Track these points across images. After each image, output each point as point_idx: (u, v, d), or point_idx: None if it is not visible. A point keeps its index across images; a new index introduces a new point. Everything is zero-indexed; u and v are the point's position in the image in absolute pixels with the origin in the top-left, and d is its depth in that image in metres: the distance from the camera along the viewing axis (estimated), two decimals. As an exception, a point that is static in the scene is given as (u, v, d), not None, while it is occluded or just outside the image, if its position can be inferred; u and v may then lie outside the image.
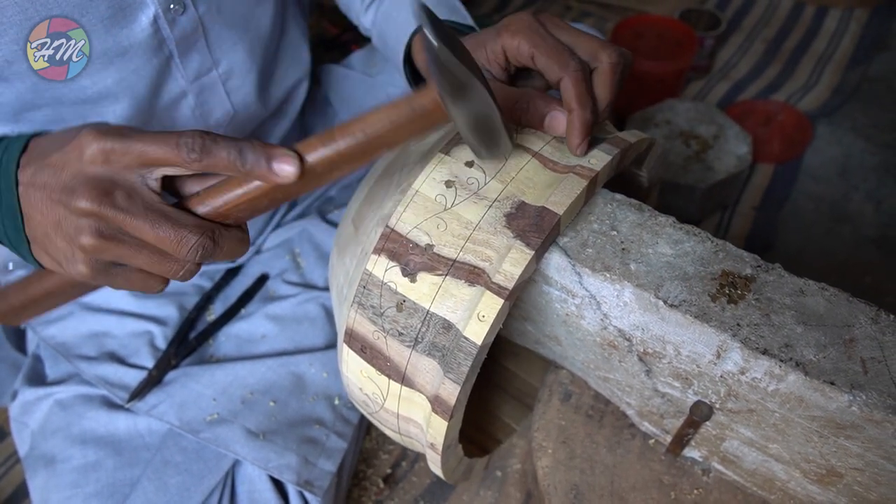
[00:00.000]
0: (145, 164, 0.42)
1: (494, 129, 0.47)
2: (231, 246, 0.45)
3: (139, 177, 0.42)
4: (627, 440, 0.66)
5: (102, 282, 0.45)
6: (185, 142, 0.41)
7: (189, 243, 0.42)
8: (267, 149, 0.42)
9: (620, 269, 0.51)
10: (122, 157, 0.41)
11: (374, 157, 0.45)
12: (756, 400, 0.50)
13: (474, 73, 0.42)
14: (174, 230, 0.42)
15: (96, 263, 0.44)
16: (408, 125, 0.44)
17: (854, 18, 1.56)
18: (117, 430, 0.71)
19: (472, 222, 0.50)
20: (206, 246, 0.43)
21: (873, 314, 0.48)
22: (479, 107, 0.44)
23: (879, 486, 0.48)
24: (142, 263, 0.43)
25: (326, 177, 0.45)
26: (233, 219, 0.46)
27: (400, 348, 0.52)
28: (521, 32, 0.53)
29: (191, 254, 0.43)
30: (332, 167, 0.44)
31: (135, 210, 0.41)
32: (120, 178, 0.42)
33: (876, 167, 1.25)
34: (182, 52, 0.63)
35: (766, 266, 0.51)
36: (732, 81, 1.44)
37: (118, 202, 0.41)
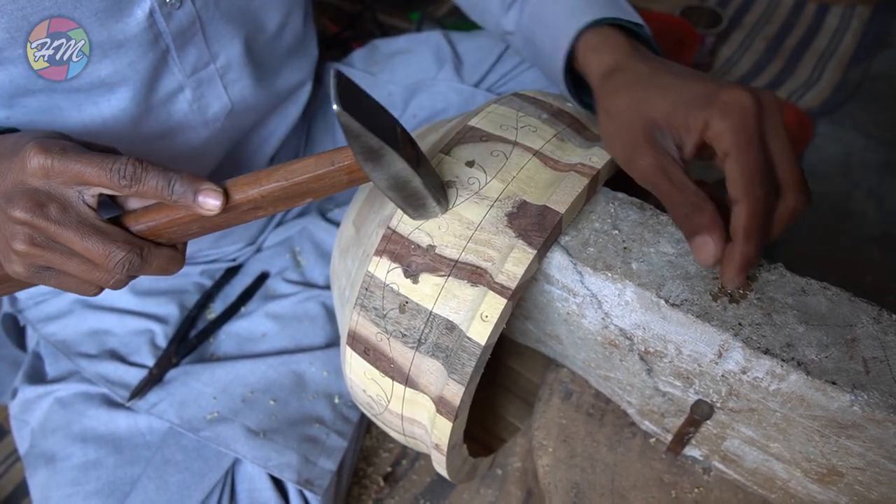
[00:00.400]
0: (81, 182, 0.45)
1: (418, 194, 0.47)
2: (160, 263, 0.49)
3: (76, 192, 0.46)
4: (628, 439, 0.66)
5: (37, 281, 0.49)
6: (118, 168, 0.45)
7: (116, 258, 0.46)
8: (195, 182, 0.46)
9: (622, 269, 0.51)
10: (60, 175, 0.45)
11: (300, 202, 0.49)
12: (757, 399, 0.50)
13: (388, 140, 0.42)
14: (103, 244, 0.46)
15: (30, 266, 0.47)
16: (328, 178, 0.47)
17: (856, 15, 1.56)
18: (118, 429, 0.71)
19: (474, 222, 0.50)
20: (133, 262, 0.47)
21: (875, 314, 0.48)
22: (395, 172, 0.44)
23: (881, 485, 0.48)
24: (72, 270, 0.47)
25: (252, 214, 0.49)
26: (165, 238, 0.49)
27: (403, 350, 0.52)
28: (735, 121, 0.44)
29: (118, 267, 0.47)
30: (256, 206, 0.48)
31: (66, 222, 0.45)
32: (57, 192, 0.45)
33: (877, 165, 1.25)
34: (179, 46, 0.62)
35: (767, 265, 0.51)
36: (734, 79, 1.43)
37: (51, 214, 0.45)
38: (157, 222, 0.48)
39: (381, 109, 0.44)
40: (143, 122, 0.64)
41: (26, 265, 0.47)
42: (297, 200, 0.48)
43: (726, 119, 0.44)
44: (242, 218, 0.49)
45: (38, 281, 0.49)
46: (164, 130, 0.67)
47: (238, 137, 0.76)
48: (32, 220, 0.44)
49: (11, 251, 0.46)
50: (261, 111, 0.77)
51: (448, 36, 0.95)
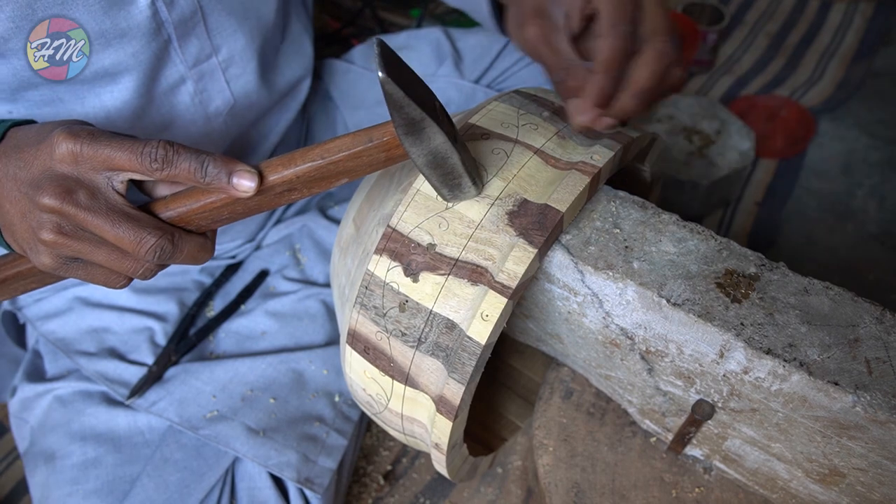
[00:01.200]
0: (110, 168, 0.44)
1: (455, 172, 0.47)
2: (191, 251, 0.48)
3: (105, 178, 0.44)
4: (629, 438, 0.66)
5: (64, 273, 0.47)
6: (150, 151, 0.43)
7: (147, 244, 0.44)
8: (229, 164, 0.45)
9: (623, 268, 0.51)
10: (90, 160, 0.43)
11: (334, 183, 0.48)
12: (759, 399, 0.49)
13: (429, 112, 0.42)
14: (133, 230, 0.44)
15: (58, 257, 0.46)
16: (365, 155, 0.46)
17: (859, 12, 1.55)
18: (117, 427, 0.71)
19: (475, 221, 0.50)
20: (165, 248, 0.45)
21: (878, 314, 0.48)
22: (435, 147, 0.44)
23: (882, 486, 0.48)
24: (101, 260, 0.46)
25: (286, 196, 0.48)
26: (195, 225, 0.48)
27: (403, 349, 0.52)
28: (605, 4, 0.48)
29: (149, 254, 0.45)
30: (290, 188, 0.47)
31: (96, 209, 0.44)
32: (85, 179, 0.44)
33: (880, 163, 1.25)
34: (181, 36, 0.62)
35: (770, 265, 0.51)
36: (735, 76, 1.43)
37: (80, 201, 0.43)
38: (187, 208, 0.47)
39: (421, 83, 0.44)
40: (145, 114, 0.64)
41: (54, 256, 0.46)
42: (332, 181, 0.47)
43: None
44: (276, 201, 0.48)
45: (66, 273, 0.47)
46: (166, 123, 0.67)
47: (239, 132, 0.76)
48: (61, 207, 0.43)
49: (39, 241, 0.45)
50: (262, 107, 0.77)
51: (448, 32, 0.94)
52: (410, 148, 0.44)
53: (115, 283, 0.48)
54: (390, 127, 0.45)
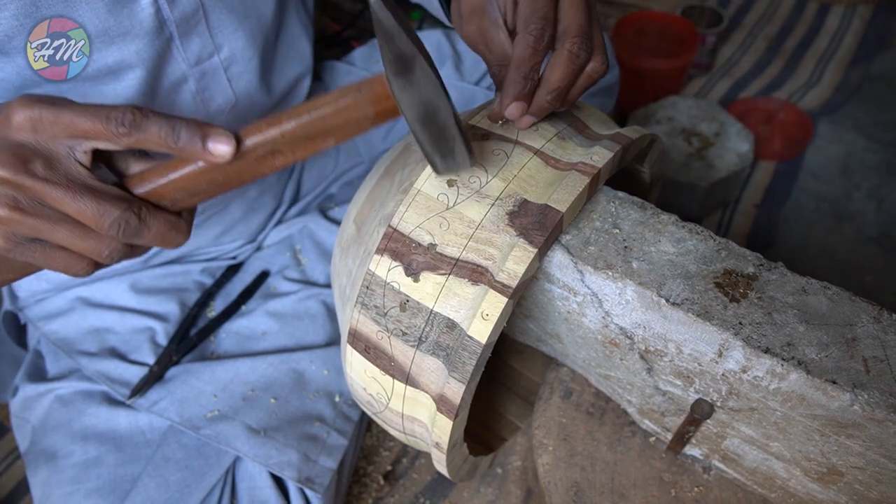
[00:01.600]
0: (73, 134, 0.41)
1: (447, 132, 0.44)
2: (160, 229, 0.44)
3: (66, 148, 0.41)
4: (628, 438, 0.66)
5: (21, 255, 0.44)
6: (116, 116, 0.40)
7: (111, 216, 0.41)
8: (203, 127, 0.42)
9: (622, 268, 0.51)
10: (50, 127, 0.40)
11: (321, 145, 0.44)
12: (757, 398, 0.50)
13: (421, 51, 0.40)
14: (95, 202, 0.41)
15: (14, 236, 0.42)
16: (353, 109, 0.43)
17: (857, 16, 1.55)
18: (118, 427, 0.71)
19: (475, 221, 0.50)
20: (131, 221, 0.42)
21: (875, 313, 0.48)
22: (426, 93, 0.42)
23: (880, 484, 0.48)
24: (61, 238, 0.42)
25: (269, 161, 0.44)
26: (170, 200, 0.45)
27: (404, 348, 0.52)
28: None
29: (112, 228, 0.41)
30: (273, 149, 0.44)
31: (55, 180, 0.40)
32: (44, 148, 0.41)
33: (877, 166, 1.25)
34: (182, 34, 0.62)
35: (768, 265, 0.51)
36: (734, 79, 1.44)
37: (37, 171, 0.40)
38: (161, 180, 0.44)
39: (413, 29, 0.42)
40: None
41: (9, 235, 0.42)
42: (319, 143, 0.44)
43: None
44: (258, 168, 0.45)
45: (22, 255, 0.43)
46: None
47: None
48: (15, 177, 0.39)
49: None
50: (263, 106, 0.77)
51: (448, 35, 0.95)
52: (401, 94, 0.42)
53: (77, 269, 0.45)
54: (381, 78, 0.43)
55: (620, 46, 1.29)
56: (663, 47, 1.36)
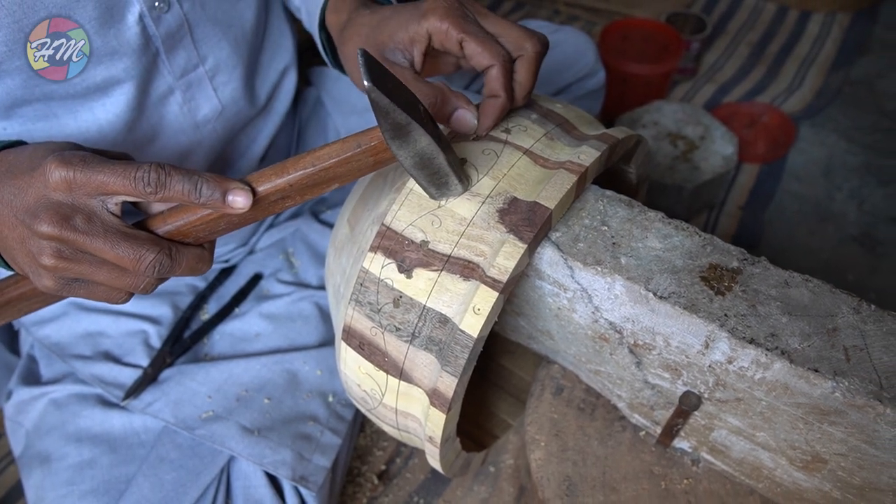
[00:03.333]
0: (104, 193, 0.45)
1: (441, 172, 0.49)
2: (190, 263, 0.49)
3: (100, 202, 0.45)
4: (618, 432, 0.67)
5: (66, 294, 0.48)
6: (142, 176, 0.44)
7: (146, 260, 0.46)
8: (222, 183, 0.46)
9: (611, 263, 0.53)
10: (84, 187, 0.44)
11: (325, 189, 0.49)
12: (743, 389, 0.51)
13: (414, 116, 0.44)
14: (132, 249, 0.45)
15: (60, 279, 0.47)
16: (355, 160, 0.47)
17: (836, 22, 1.59)
18: (112, 428, 0.71)
19: (466, 218, 0.51)
20: (164, 262, 0.46)
21: (855, 304, 0.50)
22: (421, 148, 0.46)
23: (862, 470, 0.50)
24: (103, 279, 0.47)
25: (280, 204, 0.49)
26: (192, 238, 0.49)
27: (397, 343, 0.53)
28: (450, 17, 0.53)
29: (149, 270, 0.46)
30: (284, 196, 0.48)
31: (94, 232, 0.45)
32: (80, 204, 0.45)
33: (858, 167, 1.28)
34: (168, 49, 0.63)
35: (752, 259, 0.53)
36: (718, 84, 1.46)
37: (78, 226, 0.44)
38: (184, 222, 0.48)
39: (404, 88, 0.45)
40: (136, 125, 0.65)
41: (56, 279, 0.47)
42: (324, 187, 0.49)
43: (442, 19, 0.53)
44: (270, 209, 0.49)
45: (68, 293, 0.48)
46: (156, 133, 0.68)
47: (228, 138, 0.77)
48: (60, 233, 0.44)
49: (40, 266, 0.46)
50: (250, 112, 0.78)
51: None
52: (398, 151, 0.46)
53: (117, 299, 0.49)
54: (377, 132, 0.46)
55: (606, 52, 1.31)
56: (648, 53, 1.38)
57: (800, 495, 0.57)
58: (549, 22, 1.03)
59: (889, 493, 0.50)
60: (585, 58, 0.96)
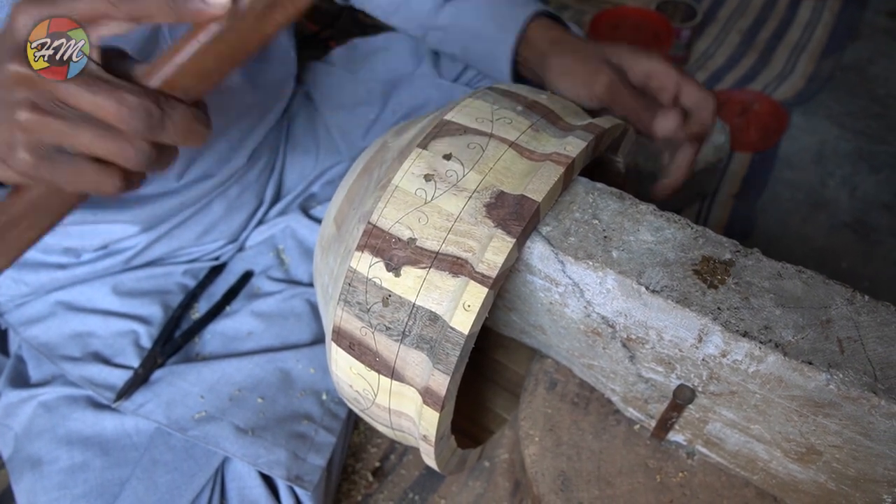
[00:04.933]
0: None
1: None
2: (184, 121, 0.43)
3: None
4: (613, 426, 0.67)
5: (49, 173, 0.43)
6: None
7: (130, 105, 0.40)
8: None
9: (603, 257, 0.52)
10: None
11: None
12: (737, 382, 0.51)
13: None
14: (113, 92, 0.41)
15: (38, 148, 0.42)
16: None
17: (827, 8, 1.58)
18: (104, 431, 0.71)
19: (453, 214, 0.50)
20: (152, 111, 0.41)
21: (849, 295, 0.49)
22: None
23: (857, 461, 0.49)
24: (86, 141, 0.41)
25: (271, 18, 0.43)
26: (181, 90, 0.44)
27: (388, 343, 0.53)
28: (667, 64, 0.65)
29: (135, 120, 0.41)
30: (274, 1, 0.42)
31: None
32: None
33: (850, 154, 1.28)
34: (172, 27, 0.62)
35: (744, 251, 0.52)
36: (709, 72, 1.46)
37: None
38: (168, 67, 0.43)
39: None
40: None
41: (33, 145, 0.41)
42: None
43: (663, 63, 0.66)
44: (261, 28, 0.43)
45: (50, 172, 0.42)
46: None
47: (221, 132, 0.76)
48: (30, 71, 0.40)
49: (15, 128, 0.41)
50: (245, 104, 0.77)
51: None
52: None
53: (108, 184, 0.44)
54: None
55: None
56: (639, 42, 1.37)
57: (795, 487, 0.57)
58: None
59: (884, 483, 0.50)
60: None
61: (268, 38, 0.44)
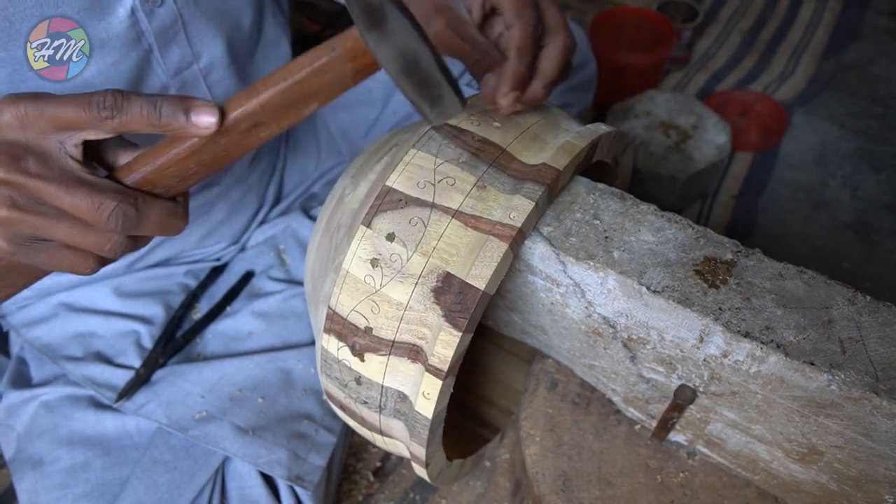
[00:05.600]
0: (60, 127, 0.41)
1: (431, 79, 0.42)
2: (159, 217, 0.44)
3: (56, 143, 0.41)
4: (614, 426, 0.67)
5: (26, 258, 0.44)
6: (97, 100, 0.40)
7: (108, 209, 0.41)
8: (185, 100, 0.42)
9: (604, 257, 0.52)
10: (37, 122, 0.41)
11: (302, 111, 0.44)
12: (738, 382, 0.51)
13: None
14: (91, 195, 0.41)
15: (15, 238, 0.42)
16: (331, 69, 0.42)
17: (828, 9, 1.58)
18: (105, 430, 0.71)
19: (402, 303, 0.50)
20: (128, 213, 0.42)
21: (850, 296, 0.49)
22: (403, 42, 0.40)
23: (858, 462, 0.49)
24: (62, 236, 0.42)
25: (254, 135, 0.44)
26: (162, 187, 0.45)
27: (370, 413, 0.56)
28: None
29: (111, 221, 0.42)
30: (257, 122, 0.43)
31: (48, 176, 0.41)
32: (35, 144, 0.41)
33: (851, 154, 1.28)
34: (161, 45, 0.62)
35: (745, 251, 0.52)
36: (710, 72, 1.45)
37: (30, 168, 0.40)
38: (150, 167, 0.43)
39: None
40: None
41: (10, 236, 0.42)
42: (301, 108, 0.43)
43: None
44: (244, 142, 0.44)
45: (28, 257, 0.44)
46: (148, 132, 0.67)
47: None
48: (9, 176, 0.40)
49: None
50: None
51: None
52: (376, 47, 0.40)
53: (83, 267, 0.45)
54: (354, 32, 0.41)
55: (597, 42, 1.30)
56: (640, 42, 1.37)
57: (796, 487, 0.57)
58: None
59: (885, 484, 0.50)
60: (576, 48, 0.95)
61: (251, 148, 0.45)
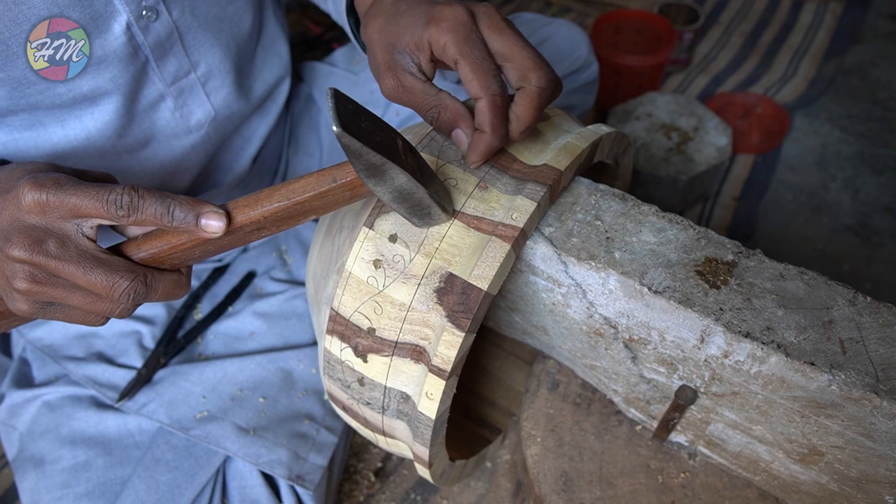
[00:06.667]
0: (78, 216, 0.44)
1: (422, 205, 0.47)
2: (166, 289, 0.48)
3: (74, 225, 0.45)
4: (615, 427, 0.67)
5: (41, 316, 0.48)
6: (114, 199, 0.44)
7: (120, 288, 0.45)
8: (196, 206, 0.45)
9: (605, 258, 0.52)
10: (57, 209, 0.44)
11: (302, 220, 0.48)
12: (739, 382, 0.51)
13: (390, 155, 0.42)
14: (105, 276, 0.45)
15: (34, 303, 0.46)
16: (330, 195, 0.46)
17: (829, 12, 1.58)
18: (107, 430, 0.71)
19: (405, 304, 0.50)
20: (138, 290, 0.46)
21: (851, 296, 0.49)
22: (399, 185, 0.44)
23: (859, 462, 0.49)
24: (77, 303, 0.46)
25: (255, 234, 0.48)
26: (168, 264, 0.48)
27: (372, 413, 0.56)
28: (451, 32, 0.48)
29: (122, 297, 0.46)
30: (259, 227, 0.47)
31: (67, 257, 0.44)
32: (54, 227, 0.44)
33: (852, 156, 1.28)
34: (158, 57, 0.63)
35: (747, 252, 0.53)
36: (711, 75, 1.46)
37: (50, 250, 0.44)
38: (159, 249, 0.47)
39: (380, 123, 0.44)
40: (126, 132, 0.65)
41: (30, 302, 0.46)
42: (300, 219, 0.47)
43: (443, 33, 0.48)
44: (246, 239, 0.48)
45: (43, 316, 0.48)
46: (148, 139, 0.68)
47: (221, 141, 0.77)
48: (32, 257, 0.43)
49: (13, 290, 0.45)
50: (243, 114, 0.78)
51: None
52: (375, 188, 0.44)
53: (94, 322, 0.49)
54: (351, 167, 0.45)
55: (599, 44, 1.31)
56: (641, 45, 1.37)
57: (797, 488, 0.57)
58: (541, 14, 1.02)
59: (886, 484, 0.50)
60: (578, 50, 0.95)
61: (250, 242, 0.49)
